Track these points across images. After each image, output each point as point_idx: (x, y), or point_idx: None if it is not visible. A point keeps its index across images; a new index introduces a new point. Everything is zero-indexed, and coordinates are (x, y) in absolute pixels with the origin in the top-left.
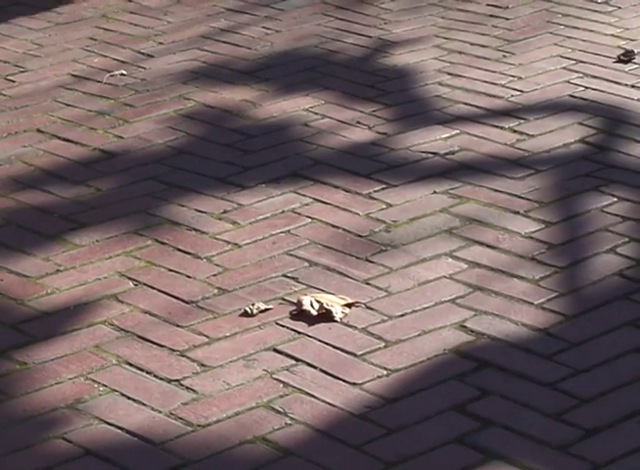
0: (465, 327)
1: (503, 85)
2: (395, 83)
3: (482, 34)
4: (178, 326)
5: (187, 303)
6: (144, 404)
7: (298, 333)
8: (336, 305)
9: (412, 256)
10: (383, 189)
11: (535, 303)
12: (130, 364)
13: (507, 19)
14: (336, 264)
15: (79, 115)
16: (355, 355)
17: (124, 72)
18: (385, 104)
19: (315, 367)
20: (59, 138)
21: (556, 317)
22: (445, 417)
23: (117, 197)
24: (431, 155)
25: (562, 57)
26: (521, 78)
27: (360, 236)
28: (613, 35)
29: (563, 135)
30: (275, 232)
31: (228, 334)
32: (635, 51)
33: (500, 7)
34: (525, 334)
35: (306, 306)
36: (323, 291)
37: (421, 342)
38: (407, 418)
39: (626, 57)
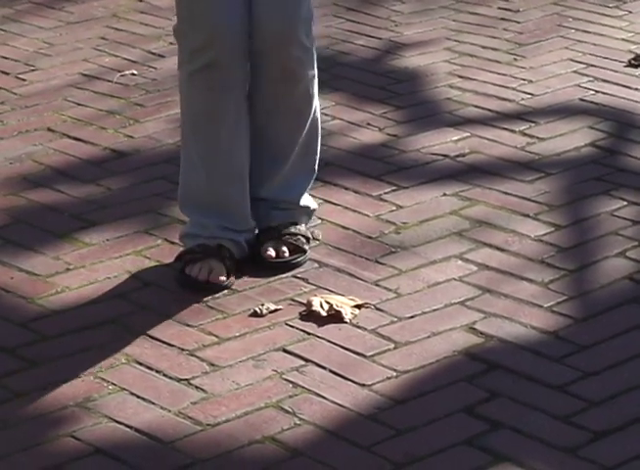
0: (474, 329)
1: (514, 88)
2: (406, 85)
3: (493, 37)
4: (188, 326)
5: (197, 302)
6: (153, 403)
7: (308, 334)
8: (345, 306)
9: (422, 257)
10: (393, 191)
11: (545, 305)
12: (140, 363)
13: (518, 22)
14: (345, 266)
15: (90, 114)
16: (365, 357)
17: (135, 72)
18: (395, 106)
19: (324, 368)
20: (69, 137)
21: (565, 320)
22: (454, 419)
23: (128, 196)
24: (441, 157)
25: (572, 60)
26: (531, 82)
27: (370, 237)
28: (623, 39)
29: (573, 139)
30: None
31: (238, 334)
32: None
33: (511, 10)
34: (534, 336)
35: (316, 307)
36: (333, 292)
37: (430, 343)
38: (416, 420)
39: (637, 61)
